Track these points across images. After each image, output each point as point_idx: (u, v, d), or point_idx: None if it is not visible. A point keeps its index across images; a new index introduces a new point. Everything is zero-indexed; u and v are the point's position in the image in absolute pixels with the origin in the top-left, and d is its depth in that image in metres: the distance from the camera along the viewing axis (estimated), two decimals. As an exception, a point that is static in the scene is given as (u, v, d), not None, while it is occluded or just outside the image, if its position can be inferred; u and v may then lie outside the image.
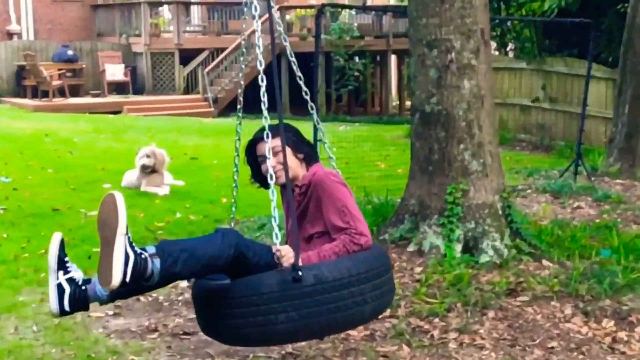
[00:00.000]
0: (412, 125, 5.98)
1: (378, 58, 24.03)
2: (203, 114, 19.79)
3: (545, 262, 5.49)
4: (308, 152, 3.64)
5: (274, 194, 3.16)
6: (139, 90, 21.63)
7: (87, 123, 15.86)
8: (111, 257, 2.92)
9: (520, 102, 14.83)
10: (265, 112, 3.28)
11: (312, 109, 3.81)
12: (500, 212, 5.71)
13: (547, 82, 14.16)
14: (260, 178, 3.63)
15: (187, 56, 21.76)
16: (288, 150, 3.39)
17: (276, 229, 3.12)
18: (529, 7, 14.45)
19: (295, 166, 3.53)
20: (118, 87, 21.30)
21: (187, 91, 21.72)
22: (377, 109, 24.30)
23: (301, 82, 3.80)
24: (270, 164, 3.21)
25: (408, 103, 20.11)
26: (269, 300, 3.10)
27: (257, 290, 3.11)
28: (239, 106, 3.82)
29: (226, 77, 21.24)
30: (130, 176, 8.81)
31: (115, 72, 21.08)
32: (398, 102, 24.94)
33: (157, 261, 3.02)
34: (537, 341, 4.33)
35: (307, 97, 3.81)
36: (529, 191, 8.57)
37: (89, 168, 10.17)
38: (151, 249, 3.06)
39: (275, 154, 3.35)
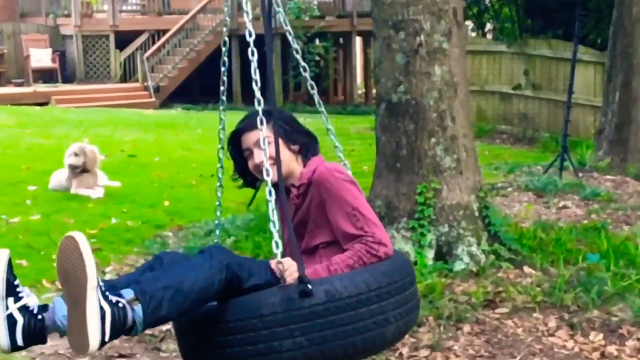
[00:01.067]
0: (377, 117, 6.01)
1: (341, 40, 24.13)
2: (143, 104, 19.68)
3: (526, 269, 5.55)
4: (304, 143, 3.38)
5: (271, 194, 2.97)
6: (68, 79, 21.45)
7: (8, 116, 15.65)
8: (84, 317, 2.69)
9: (499, 89, 14.98)
10: (257, 94, 3.06)
11: (319, 104, 3.68)
12: (476, 213, 5.76)
13: (529, 67, 14.31)
14: (245, 175, 3.46)
15: (123, 39, 21.61)
16: (279, 141, 3.17)
17: (276, 236, 2.90)
18: (509, -17, 14.63)
19: (289, 160, 3.29)
20: (45, 75, 21.08)
21: (124, 79, 21.59)
22: (340, 98, 24.41)
23: (306, 74, 3.67)
24: (265, 156, 3.01)
25: (375, 91, 20.20)
26: (272, 324, 2.85)
27: (257, 311, 2.86)
28: (222, 88, 3.62)
29: (169, 62, 21.15)
30: (59, 177, 8.71)
31: (41, 57, 20.86)
32: (364, 90, 25.07)
33: (138, 307, 2.79)
34: (518, 358, 4.37)
35: (314, 92, 3.64)
36: (509, 189, 8.66)
37: (11, 168, 10.03)
38: (128, 293, 2.81)
39: (260, 146, 3.15)
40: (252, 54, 3.09)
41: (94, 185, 8.59)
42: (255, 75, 3.08)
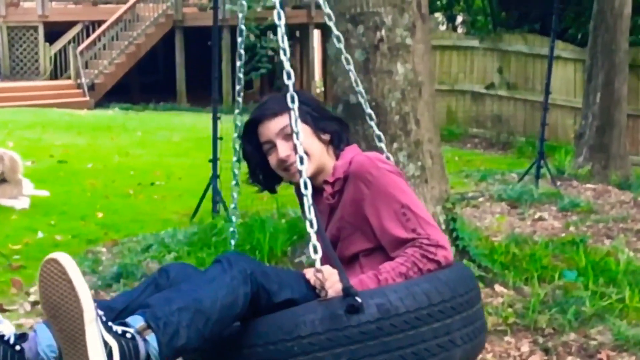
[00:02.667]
0: (334, 120, 6.01)
1: (298, 34, 24.18)
2: (75, 104, 19.54)
3: (498, 288, 5.58)
4: (336, 131, 3.12)
5: (307, 187, 2.64)
6: (-8, 75, 21.22)
7: None
8: (85, 357, 2.40)
9: (471, 88, 15.11)
10: (287, 65, 2.79)
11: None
12: (443, 226, 5.78)
13: (503, 64, 14.45)
14: (265, 174, 3.17)
15: (54, 31, 21.44)
16: (306, 128, 2.95)
17: (314, 238, 2.59)
18: (481, -28, 14.76)
19: (320, 153, 3.03)
20: (-36, 71, 20.85)
21: (54, 76, 21.42)
22: (296, 97, 24.38)
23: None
24: (297, 140, 2.69)
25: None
26: (312, 347, 2.54)
27: (293, 332, 2.55)
28: (238, 87, 3.47)
29: (105, 57, 21.03)
30: (-22, 186, 8.61)
31: (-40, 51, 20.63)
32: (323, 89, 25.12)
33: (152, 337, 2.50)
34: (488, 386, 4.40)
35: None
36: (481, 199, 8.71)
37: None
38: (137, 321, 2.52)
39: (285, 137, 2.97)
40: (282, 40, 2.87)
41: (18, 195, 8.51)
42: (285, 56, 2.86)
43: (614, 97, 10.23)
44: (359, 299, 2.55)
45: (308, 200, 2.61)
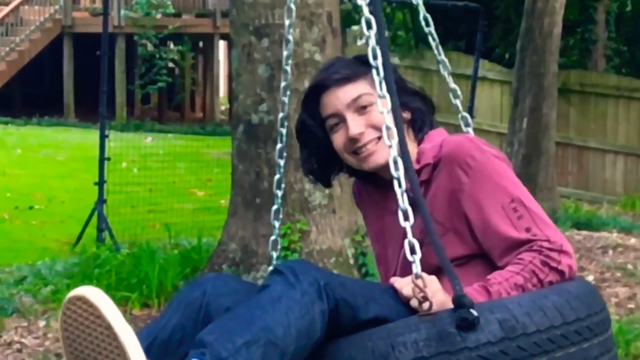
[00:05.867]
0: (234, 141, 6.03)
1: (201, 44, 24.15)
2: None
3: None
4: (419, 109, 2.67)
5: (399, 166, 2.22)
6: None
7: None
8: None
9: (390, 110, 15.26)
10: (368, 27, 2.31)
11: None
12: (351, 261, 5.82)
13: (425, 84, 14.63)
14: (320, 160, 2.68)
15: None
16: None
17: (410, 234, 2.19)
18: (403, -17, 14.95)
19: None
20: None
21: None
22: (198, 114, 24.35)
23: None
24: (385, 108, 2.26)
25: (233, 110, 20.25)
26: None
27: (389, 357, 2.15)
28: (283, 83, 2.86)
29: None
30: None
31: None
32: (228, 106, 25.09)
33: None
34: None
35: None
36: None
37: None
38: None
39: (359, 109, 2.53)
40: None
41: None
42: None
43: (542, 123, 10.41)
44: (474, 312, 2.12)
45: (401, 185, 2.21)
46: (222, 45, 24.96)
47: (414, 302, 2.19)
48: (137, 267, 6.05)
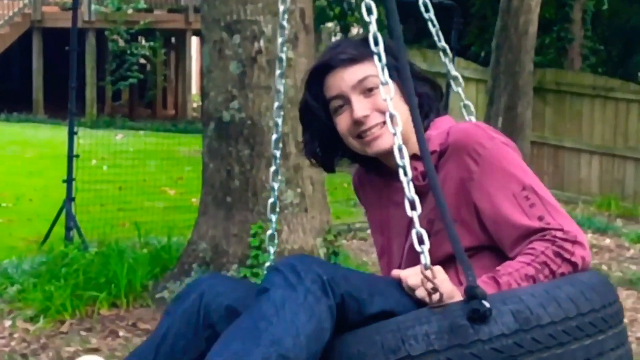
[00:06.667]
0: (204, 139, 6.03)
1: (173, 40, 24.12)
2: None
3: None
4: (426, 95, 2.58)
5: (404, 154, 2.15)
6: None
7: None
8: None
9: (364, 108, 15.27)
10: (369, 13, 2.25)
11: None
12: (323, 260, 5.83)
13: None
14: (323, 144, 2.62)
15: None
16: (391, 85, 2.22)
17: (417, 224, 2.11)
18: (378, -20, 14.97)
19: (405, 120, 2.34)
20: None
21: None
22: (170, 112, 24.31)
23: None
24: (387, 94, 2.19)
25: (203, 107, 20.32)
26: None
27: (400, 351, 2.08)
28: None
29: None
30: None
31: None
32: (201, 104, 25.03)
33: None
34: None
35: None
36: (369, 231, 8.78)
37: None
38: None
39: (364, 91, 2.46)
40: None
41: None
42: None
43: (517, 122, 10.46)
44: (486, 303, 2.06)
45: (407, 174, 2.14)
46: (194, 41, 24.89)
47: (419, 293, 2.14)
48: (105, 266, 6.01)
